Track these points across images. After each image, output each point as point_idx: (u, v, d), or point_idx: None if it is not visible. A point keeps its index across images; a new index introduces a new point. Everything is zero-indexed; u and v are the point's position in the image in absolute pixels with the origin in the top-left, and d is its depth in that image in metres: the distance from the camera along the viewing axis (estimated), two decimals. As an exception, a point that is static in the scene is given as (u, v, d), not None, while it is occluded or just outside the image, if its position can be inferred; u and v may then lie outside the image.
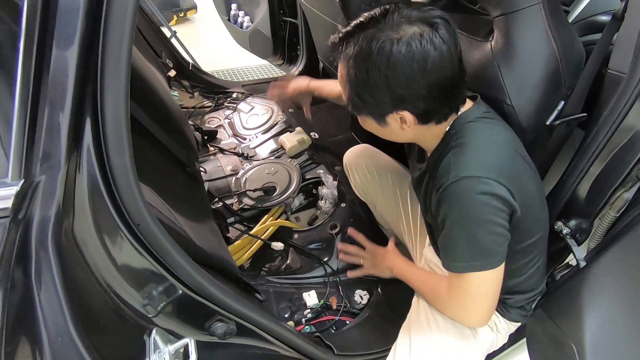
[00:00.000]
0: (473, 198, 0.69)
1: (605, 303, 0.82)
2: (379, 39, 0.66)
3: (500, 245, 0.74)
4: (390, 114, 0.73)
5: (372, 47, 0.66)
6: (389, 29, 0.66)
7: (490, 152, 0.73)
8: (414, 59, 0.65)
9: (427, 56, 0.65)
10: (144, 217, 0.53)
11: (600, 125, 0.84)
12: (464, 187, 0.69)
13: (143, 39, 1.80)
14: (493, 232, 0.72)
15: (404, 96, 0.69)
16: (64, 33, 0.46)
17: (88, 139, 0.48)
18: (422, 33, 0.65)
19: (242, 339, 0.79)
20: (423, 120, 0.74)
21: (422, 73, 0.66)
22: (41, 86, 0.45)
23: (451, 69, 0.69)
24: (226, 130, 1.80)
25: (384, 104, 0.72)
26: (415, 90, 0.68)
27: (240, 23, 2.29)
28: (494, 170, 0.70)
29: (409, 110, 0.71)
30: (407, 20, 0.66)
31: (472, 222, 0.72)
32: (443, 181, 0.72)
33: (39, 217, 0.45)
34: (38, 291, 0.44)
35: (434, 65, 0.66)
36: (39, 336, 0.43)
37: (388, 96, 0.70)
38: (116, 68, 0.47)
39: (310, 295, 1.24)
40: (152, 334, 0.59)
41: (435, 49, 0.66)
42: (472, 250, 0.74)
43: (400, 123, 0.74)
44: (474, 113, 0.78)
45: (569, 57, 0.87)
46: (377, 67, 0.67)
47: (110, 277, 0.53)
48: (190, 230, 0.83)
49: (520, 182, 0.74)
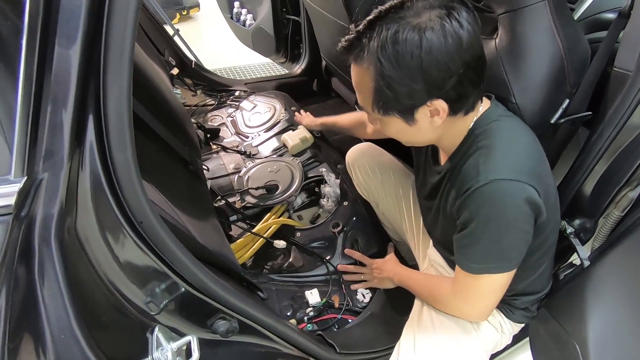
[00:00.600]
0: (505, 201, 0.68)
1: (609, 303, 0.82)
2: (405, 27, 0.64)
3: (520, 250, 0.73)
4: (422, 106, 0.69)
5: (400, 35, 0.64)
6: (411, 17, 0.64)
7: (519, 153, 0.70)
8: (447, 38, 0.63)
9: (460, 34, 0.64)
10: (146, 214, 0.53)
11: (606, 123, 0.84)
12: (495, 189, 0.67)
13: (146, 37, 1.80)
14: (518, 237, 0.71)
15: (439, 80, 0.66)
16: (67, 30, 0.46)
17: (91, 136, 0.48)
18: (448, 14, 0.64)
19: (244, 336, 0.79)
20: (455, 110, 0.71)
21: (458, 51, 0.64)
22: (44, 83, 0.45)
23: (479, 47, 0.68)
24: (229, 128, 1.80)
25: (417, 94, 0.68)
26: (452, 72, 0.65)
27: (242, 21, 2.29)
28: (524, 172, 0.68)
29: (442, 97, 0.68)
30: (427, 6, 0.65)
31: (501, 226, 0.70)
32: (472, 183, 0.69)
33: (42, 215, 0.45)
34: (41, 288, 0.44)
35: (467, 43, 0.65)
36: (42, 333, 0.43)
37: (422, 83, 0.66)
38: (118, 65, 0.47)
39: (312, 293, 1.23)
40: (155, 332, 0.59)
41: (463, 28, 0.64)
42: (493, 253, 0.73)
43: (431, 116, 0.71)
44: (496, 111, 0.77)
45: (574, 55, 0.87)
46: (409, 52, 0.64)
47: (113, 274, 0.53)
48: (192, 228, 0.83)
49: (546, 183, 0.73)
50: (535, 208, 0.70)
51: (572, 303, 0.87)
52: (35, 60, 0.44)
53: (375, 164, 1.25)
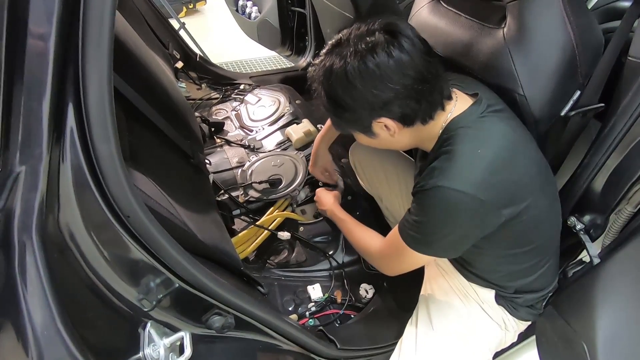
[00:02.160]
0: (444, 209, 0.73)
1: (619, 302, 0.80)
2: (338, 59, 0.71)
3: (445, 247, 0.79)
4: (372, 123, 0.76)
5: (333, 67, 0.72)
6: (346, 48, 0.71)
7: (472, 165, 0.72)
8: (368, 70, 0.69)
9: (381, 64, 0.69)
10: (133, 208, 0.51)
11: (619, 115, 0.80)
12: (438, 195, 0.72)
13: (149, 30, 1.79)
14: (449, 239, 0.77)
15: (374, 104, 0.72)
16: (41, 9, 0.43)
17: (71, 126, 0.46)
18: (374, 45, 0.69)
19: (241, 332, 0.78)
20: (406, 123, 0.75)
21: (380, 80, 0.69)
22: (15, 69, 0.43)
23: (414, 69, 0.70)
24: (233, 122, 1.79)
25: (361, 116, 0.75)
26: (383, 97, 0.71)
27: (248, 13, 2.27)
28: (473, 183, 0.70)
29: (386, 116, 0.74)
30: (363, 34, 0.71)
31: (435, 226, 0.76)
32: (423, 184, 0.74)
33: (21, 209, 0.44)
34: (22, 283, 0.42)
35: (392, 71, 0.69)
36: (23, 329, 0.42)
37: (361, 108, 0.73)
38: (98, 49, 0.44)
39: (314, 288, 1.22)
40: (147, 327, 0.58)
41: (390, 56, 0.69)
42: (423, 238, 0.78)
43: (387, 130, 0.77)
44: (469, 116, 0.76)
45: (587, 44, 0.83)
46: (341, 84, 0.72)
47: (101, 270, 0.52)
48: (191, 222, 0.82)
49: (514, 190, 0.74)
50: (481, 214, 0.73)
51: (580, 301, 0.85)
52: (2, 43, 0.42)
53: (379, 159, 1.23)
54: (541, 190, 0.78)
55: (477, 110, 0.76)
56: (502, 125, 0.76)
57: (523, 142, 0.78)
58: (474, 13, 0.93)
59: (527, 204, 0.74)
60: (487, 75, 0.88)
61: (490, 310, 0.91)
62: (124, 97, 0.82)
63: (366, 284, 1.26)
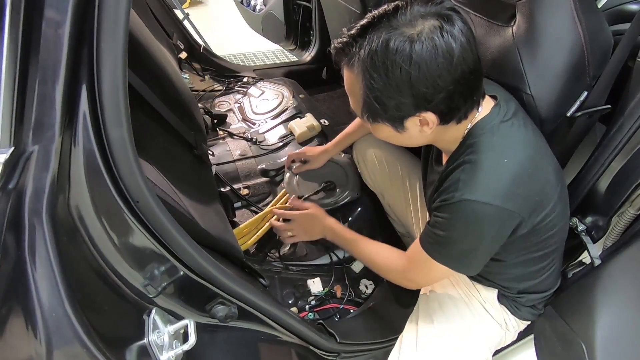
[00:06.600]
0: (471, 222, 0.71)
1: (619, 303, 0.80)
2: (397, 37, 0.62)
3: (472, 261, 0.77)
4: (411, 117, 0.68)
5: (390, 46, 0.62)
6: (404, 26, 0.62)
7: (499, 174, 0.69)
8: (439, 53, 0.62)
9: (452, 50, 0.62)
10: (143, 193, 0.51)
11: (625, 117, 0.80)
12: (467, 209, 0.69)
13: (155, 19, 1.78)
14: (475, 253, 0.75)
15: (428, 95, 0.64)
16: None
17: (84, 109, 0.46)
18: (441, 26, 0.62)
19: (243, 322, 0.78)
20: (445, 120, 0.70)
21: (448, 68, 0.63)
22: (31, 50, 0.42)
23: (473, 61, 0.65)
24: (236, 114, 1.78)
25: (405, 106, 0.66)
26: (441, 87, 0.64)
27: (253, 6, 2.26)
28: (500, 195, 0.68)
29: (431, 110, 0.67)
30: (420, 15, 0.63)
31: (462, 240, 0.74)
32: (448, 197, 0.71)
33: (33, 188, 0.43)
34: (31, 263, 0.42)
35: (458, 59, 0.63)
36: (32, 310, 0.42)
37: (410, 97, 0.65)
38: (113, 32, 0.44)
39: (315, 282, 1.23)
40: (152, 314, 0.58)
41: (456, 41, 0.62)
42: (449, 251, 0.76)
43: (420, 126, 0.70)
44: (492, 120, 0.73)
45: (596, 45, 0.83)
46: (399, 66, 0.62)
47: (109, 254, 0.52)
48: (194, 211, 0.82)
49: (537, 200, 0.72)
50: (505, 227, 0.72)
51: (580, 302, 0.85)
52: (20, 25, 0.41)
53: (382, 155, 1.23)
54: (559, 197, 0.77)
55: (498, 114, 0.74)
56: (524, 132, 0.74)
57: (544, 148, 0.77)
58: (483, 11, 0.93)
59: (547, 212, 0.73)
60: (494, 73, 0.88)
61: (492, 309, 0.91)
62: (130, 86, 0.81)
63: (366, 280, 1.26)
